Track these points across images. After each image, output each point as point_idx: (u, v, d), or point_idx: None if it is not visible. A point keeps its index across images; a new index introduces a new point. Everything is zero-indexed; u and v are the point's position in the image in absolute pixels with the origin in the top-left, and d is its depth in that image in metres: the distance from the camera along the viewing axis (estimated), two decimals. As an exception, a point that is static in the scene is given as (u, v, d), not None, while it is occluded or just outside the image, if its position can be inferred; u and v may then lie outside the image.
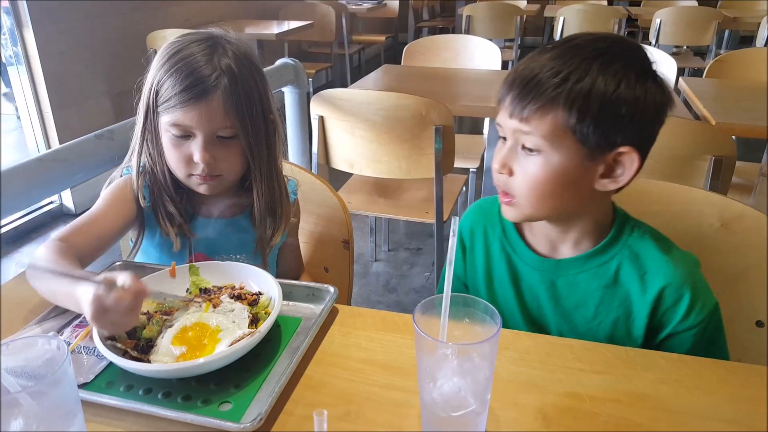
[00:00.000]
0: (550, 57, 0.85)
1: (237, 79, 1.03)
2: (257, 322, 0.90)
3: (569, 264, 0.96)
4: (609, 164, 0.87)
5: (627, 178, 0.87)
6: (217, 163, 1.06)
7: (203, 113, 1.01)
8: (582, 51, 0.84)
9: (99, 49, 3.36)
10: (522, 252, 1.00)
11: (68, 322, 0.94)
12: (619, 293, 0.94)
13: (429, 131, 1.92)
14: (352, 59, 6.11)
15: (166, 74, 1.02)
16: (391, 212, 2.24)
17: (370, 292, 2.66)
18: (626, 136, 0.84)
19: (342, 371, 0.84)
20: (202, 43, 1.04)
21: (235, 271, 1.00)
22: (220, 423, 0.72)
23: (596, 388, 0.80)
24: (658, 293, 0.91)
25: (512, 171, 0.89)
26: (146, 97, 1.06)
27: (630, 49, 0.86)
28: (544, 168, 0.86)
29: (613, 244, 0.94)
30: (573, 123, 0.83)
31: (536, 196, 0.88)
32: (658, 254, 0.92)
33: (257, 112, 1.07)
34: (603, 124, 0.83)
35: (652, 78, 0.85)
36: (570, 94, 0.82)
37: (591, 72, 0.82)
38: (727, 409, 0.76)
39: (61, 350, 0.64)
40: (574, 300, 0.97)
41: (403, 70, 2.94)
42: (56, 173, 1.37)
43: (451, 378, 0.68)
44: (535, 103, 0.83)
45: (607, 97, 0.81)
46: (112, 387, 0.80)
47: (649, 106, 0.84)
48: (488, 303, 0.70)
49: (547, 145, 0.85)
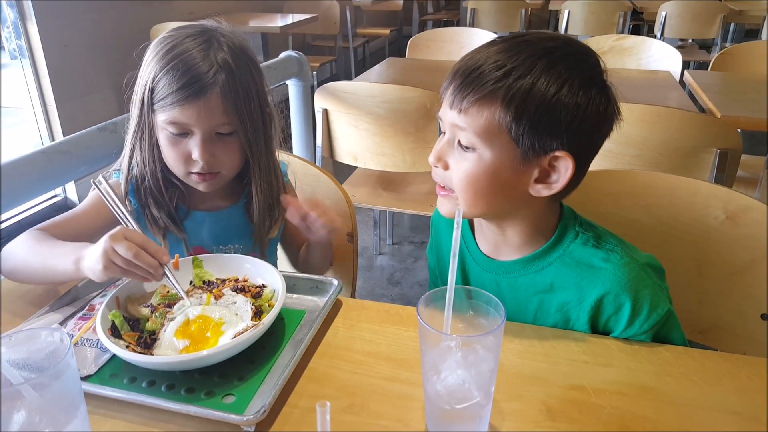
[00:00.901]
0: (498, 50, 0.82)
1: (234, 75, 1.02)
2: (261, 314, 0.89)
3: (510, 267, 0.94)
4: (544, 169, 0.84)
5: (561, 185, 0.83)
6: (216, 159, 1.05)
7: (202, 111, 1.00)
8: (530, 48, 0.81)
9: (103, 42, 3.36)
10: (473, 250, 0.99)
11: (71, 315, 0.94)
12: (555, 299, 0.92)
13: (433, 124, 1.92)
14: (356, 52, 6.09)
15: (161, 71, 1.00)
16: (395, 205, 2.23)
17: (375, 285, 2.66)
18: (562, 141, 0.81)
19: (346, 364, 0.84)
20: (197, 37, 1.02)
21: (238, 264, 1.00)
22: (223, 415, 0.72)
23: (601, 380, 0.79)
24: (596, 302, 0.88)
25: (447, 165, 0.87)
26: (140, 94, 1.03)
27: (579, 53, 0.83)
28: (477, 165, 0.84)
29: (552, 249, 0.91)
30: (509, 121, 0.80)
31: (470, 193, 0.86)
32: (598, 262, 0.88)
33: (255, 106, 1.06)
34: (539, 126, 0.80)
35: (599, 87, 0.82)
36: (509, 90, 0.79)
37: (534, 71, 0.79)
38: (733, 401, 0.76)
39: (63, 342, 0.64)
40: (515, 303, 0.95)
41: (407, 63, 2.93)
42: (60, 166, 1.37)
43: (455, 370, 0.68)
44: (474, 95, 0.81)
45: (546, 99, 0.79)
46: (116, 379, 0.80)
47: (590, 115, 0.81)
48: (492, 295, 0.69)
49: (481, 142, 0.82)
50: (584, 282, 0.89)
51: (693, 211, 1.11)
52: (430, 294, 0.70)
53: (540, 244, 0.92)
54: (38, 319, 0.93)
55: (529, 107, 0.79)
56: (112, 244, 0.84)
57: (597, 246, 0.89)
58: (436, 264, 1.12)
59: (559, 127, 0.80)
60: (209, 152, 1.03)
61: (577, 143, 0.82)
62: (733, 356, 0.85)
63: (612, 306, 0.88)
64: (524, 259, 0.93)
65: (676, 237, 1.13)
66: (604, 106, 0.82)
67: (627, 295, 0.86)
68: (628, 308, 0.86)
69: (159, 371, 0.81)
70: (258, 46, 4.21)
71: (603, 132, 0.85)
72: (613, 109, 0.84)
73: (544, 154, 0.82)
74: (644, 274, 0.88)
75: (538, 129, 0.80)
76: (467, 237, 1.00)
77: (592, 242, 0.90)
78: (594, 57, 0.84)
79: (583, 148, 0.84)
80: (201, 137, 1.02)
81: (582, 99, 0.80)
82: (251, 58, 1.08)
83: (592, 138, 0.84)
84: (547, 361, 0.83)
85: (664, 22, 4.72)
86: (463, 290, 0.71)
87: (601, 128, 0.84)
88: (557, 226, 0.93)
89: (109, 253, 0.84)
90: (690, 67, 4.75)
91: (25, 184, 1.31)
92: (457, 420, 0.70)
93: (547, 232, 0.92)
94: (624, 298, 0.86)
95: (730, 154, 1.60)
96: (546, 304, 0.93)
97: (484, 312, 0.70)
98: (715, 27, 4.73)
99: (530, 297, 0.94)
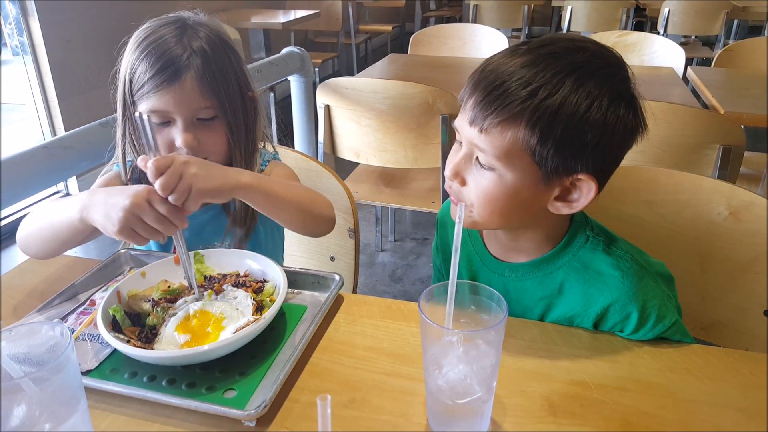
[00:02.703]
0: (522, 63, 0.78)
1: (210, 58, 1.02)
2: (262, 309, 0.89)
3: (519, 269, 0.93)
4: (566, 187, 0.82)
5: (582, 204, 0.82)
6: (201, 145, 1.04)
7: (178, 95, 1.00)
8: (557, 62, 0.77)
9: (105, 38, 3.36)
10: (481, 251, 0.98)
11: (72, 309, 0.94)
12: (561, 304, 0.91)
13: (436, 120, 1.91)
14: (358, 49, 6.09)
15: (137, 60, 1.00)
16: (397, 202, 2.23)
17: (376, 281, 2.66)
18: (587, 163, 0.79)
19: (347, 359, 0.83)
20: (171, 25, 1.03)
21: (239, 259, 0.99)
22: (224, 410, 0.72)
23: (603, 376, 0.79)
24: (602, 310, 0.87)
25: (465, 181, 0.85)
26: (121, 87, 1.04)
27: (609, 66, 0.79)
28: (497, 185, 0.81)
29: (561, 254, 0.90)
30: (533, 144, 0.77)
31: (488, 211, 0.84)
32: (607, 269, 0.86)
33: (234, 89, 1.05)
34: (564, 148, 0.77)
35: (627, 101, 0.79)
36: (536, 111, 0.75)
37: (562, 89, 0.75)
38: (736, 397, 0.75)
39: (64, 337, 0.64)
40: (522, 305, 0.94)
41: (409, 59, 2.92)
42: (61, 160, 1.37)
43: (456, 365, 0.67)
44: (497, 116, 0.77)
45: (574, 120, 0.75)
46: (116, 374, 0.80)
47: (618, 132, 0.78)
48: (495, 290, 0.69)
49: (502, 165, 0.79)
50: (592, 289, 0.88)
51: (696, 207, 1.10)
52: (432, 289, 0.70)
53: (550, 248, 0.91)
54: (39, 314, 0.93)
55: (556, 129, 0.76)
56: (136, 211, 0.82)
57: (607, 252, 0.88)
58: (442, 262, 1.11)
59: (585, 149, 0.78)
60: (192, 137, 1.02)
61: (601, 161, 0.80)
62: (736, 352, 0.84)
63: (618, 315, 0.86)
64: (533, 263, 0.92)
65: (678, 233, 1.12)
66: (632, 122, 0.80)
67: (634, 304, 0.85)
68: (635, 318, 0.85)
69: (160, 366, 0.81)
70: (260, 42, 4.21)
71: (629, 146, 0.83)
72: (640, 122, 0.81)
73: (567, 176, 0.80)
74: (653, 283, 0.87)
75: (563, 151, 0.77)
76: (475, 238, 0.99)
77: (602, 247, 0.88)
78: (624, 70, 0.81)
79: (608, 164, 0.82)
80: (182, 123, 1.02)
81: (611, 117, 0.77)
82: (227, 43, 1.07)
83: (617, 155, 0.82)
84: (549, 356, 0.83)
85: (667, 19, 4.71)
86: (465, 285, 0.71)
87: (627, 143, 0.82)
88: (568, 230, 0.91)
89: (129, 219, 0.82)
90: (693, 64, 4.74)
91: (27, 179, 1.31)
92: (459, 415, 0.70)
93: (558, 237, 0.91)
94: (631, 307, 0.85)
95: (733, 151, 1.59)
96: (551, 308, 0.92)
97: (486, 307, 0.70)
98: (719, 24, 4.72)
99: (536, 301, 0.93)
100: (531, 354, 0.84)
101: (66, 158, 1.37)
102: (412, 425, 0.72)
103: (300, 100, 2.52)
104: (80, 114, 3.21)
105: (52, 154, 1.35)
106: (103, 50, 3.36)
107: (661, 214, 1.13)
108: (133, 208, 0.83)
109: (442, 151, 1.95)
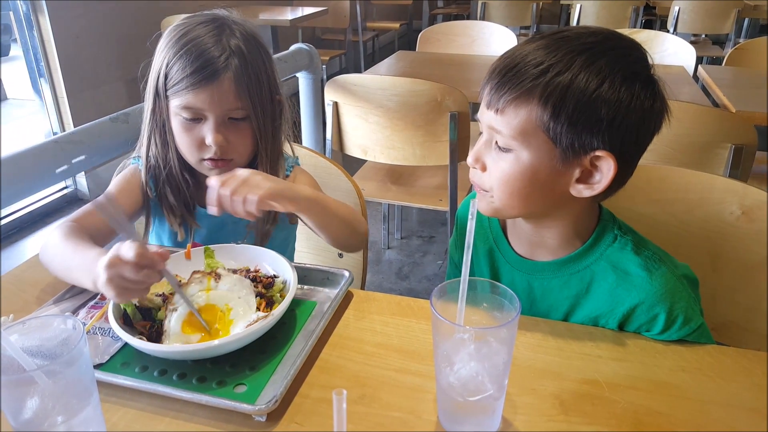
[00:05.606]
0: (536, 47, 0.80)
1: (246, 59, 1.03)
2: (272, 305, 0.89)
3: (544, 268, 0.93)
4: (586, 169, 0.81)
5: (603, 185, 0.81)
6: (230, 145, 1.05)
7: (214, 94, 1.01)
8: (569, 44, 0.78)
9: (114, 34, 3.36)
10: (504, 249, 0.97)
11: (84, 303, 0.94)
12: (587, 304, 0.91)
13: (444, 118, 1.91)
14: (366, 46, 6.08)
15: (174, 57, 1.01)
16: (404, 199, 2.22)
17: (383, 279, 2.66)
18: (603, 140, 0.78)
19: (357, 355, 0.83)
20: (209, 24, 1.04)
21: (250, 254, 0.99)
22: (234, 405, 0.72)
23: (615, 375, 0.79)
24: (629, 311, 0.86)
25: (485, 166, 0.86)
26: (154, 81, 1.05)
27: (622, 47, 0.80)
28: (515, 166, 0.82)
29: (589, 253, 0.90)
30: (546, 119, 0.78)
31: (507, 194, 0.84)
32: (635, 269, 0.86)
33: (266, 92, 1.07)
34: (578, 123, 0.77)
35: (644, 81, 0.79)
36: (547, 87, 0.77)
37: (573, 66, 0.76)
38: (749, 398, 0.75)
39: (76, 330, 0.64)
40: (547, 304, 0.94)
41: (417, 56, 2.91)
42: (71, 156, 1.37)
43: (468, 362, 0.67)
44: (511, 94, 0.79)
45: (585, 95, 0.76)
46: (127, 368, 0.80)
47: (634, 110, 0.77)
48: (507, 288, 0.69)
49: (518, 143, 0.80)
50: (619, 290, 0.87)
51: (708, 206, 1.10)
52: (444, 285, 0.70)
53: (576, 246, 0.90)
54: (51, 307, 0.93)
55: (568, 104, 0.76)
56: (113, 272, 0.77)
57: (636, 252, 0.87)
58: (460, 259, 1.10)
59: (600, 125, 0.77)
60: (222, 136, 1.03)
61: (620, 141, 0.79)
62: (749, 352, 0.84)
63: (645, 316, 0.86)
64: (559, 261, 0.91)
65: (690, 232, 1.11)
66: (650, 102, 0.79)
67: (662, 306, 0.84)
68: (663, 320, 0.84)
69: (170, 360, 0.81)
70: (268, 39, 4.20)
71: (650, 129, 0.82)
72: (661, 105, 0.81)
73: (585, 154, 0.80)
74: (681, 285, 0.86)
75: (576, 127, 0.77)
76: (498, 235, 0.99)
77: (630, 247, 0.88)
78: (639, 51, 0.81)
79: (627, 145, 0.80)
80: (214, 122, 1.03)
81: (624, 94, 0.77)
82: (263, 45, 1.08)
83: (638, 135, 0.80)
84: (561, 355, 0.83)
85: (677, 17, 4.69)
86: (478, 282, 0.70)
87: (647, 125, 0.81)
88: (595, 228, 0.91)
89: (116, 281, 0.78)
90: (703, 62, 4.72)
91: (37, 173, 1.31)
92: (470, 412, 0.70)
93: (584, 235, 0.91)
94: (659, 308, 0.84)
95: (745, 150, 1.58)
96: (577, 307, 0.92)
97: (498, 304, 0.70)
98: (729, 22, 4.69)
99: (562, 300, 0.92)
100: (542, 352, 0.83)
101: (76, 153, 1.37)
102: (422, 422, 0.72)
103: (308, 96, 2.52)
104: (89, 110, 3.22)
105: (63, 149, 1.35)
106: (112, 47, 3.37)
107: (671, 213, 1.12)
108: (110, 270, 0.78)
109: (450, 149, 1.95)
